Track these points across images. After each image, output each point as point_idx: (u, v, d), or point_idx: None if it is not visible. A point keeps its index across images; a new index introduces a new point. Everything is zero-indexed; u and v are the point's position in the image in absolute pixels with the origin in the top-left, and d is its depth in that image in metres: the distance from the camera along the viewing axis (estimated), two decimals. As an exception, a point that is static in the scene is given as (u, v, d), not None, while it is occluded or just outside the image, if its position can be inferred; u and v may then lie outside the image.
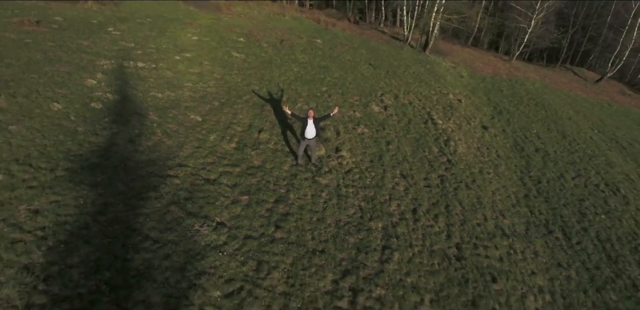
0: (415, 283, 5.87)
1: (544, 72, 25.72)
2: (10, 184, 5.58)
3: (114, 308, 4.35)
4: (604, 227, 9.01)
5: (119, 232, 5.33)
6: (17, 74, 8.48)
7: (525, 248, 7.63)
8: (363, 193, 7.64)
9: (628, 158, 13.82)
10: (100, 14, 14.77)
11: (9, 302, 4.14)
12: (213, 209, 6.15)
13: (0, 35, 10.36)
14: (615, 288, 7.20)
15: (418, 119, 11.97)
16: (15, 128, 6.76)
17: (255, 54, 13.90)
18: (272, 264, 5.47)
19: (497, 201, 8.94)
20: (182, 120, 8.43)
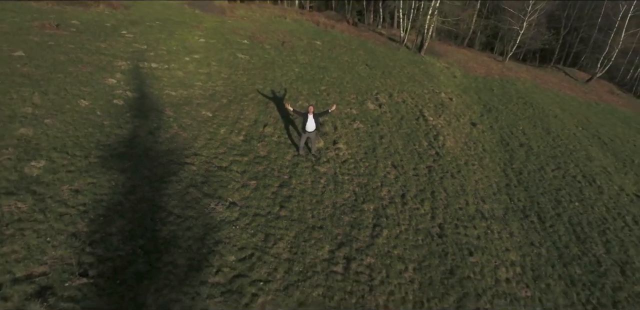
0: (400, 254, 6.80)
1: (536, 73, 26.65)
2: (53, 168, 6.50)
3: (148, 267, 5.27)
4: (576, 213, 9.94)
5: (147, 208, 6.25)
6: (46, 73, 9.39)
7: (502, 229, 8.56)
8: (357, 180, 8.56)
9: (608, 153, 14.74)
10: (113, 18, 15.68)
11: (63, 260, 5.06)
12: (226, 191, 7.07)
13: (25, 38, 11.28)
14: (580, 264, 8.12)
15: (410, 116, 12.90)
16: (50, 121, 7.68)
17: (258, 55, 14.82)
18: (278, 236, 6.39)
19: (480, 189, 9.87)
20: (195, 116, 9.35)
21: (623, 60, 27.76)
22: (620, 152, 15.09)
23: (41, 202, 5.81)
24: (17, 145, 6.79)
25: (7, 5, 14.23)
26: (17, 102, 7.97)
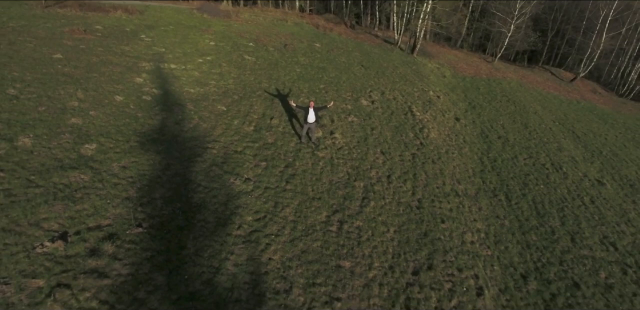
0: (384, 220, 8.35)
1: (523, 72, 28.23)
2: (103, 150, 8.06)
3: (186, 222, 6.82)
4: (540, 193, 11.50)
5: (180, 181, 7.81)
6: (84, 73, 10.95)
7: (472, 205, 10.12)
8: (350, 163, 10.11)
9: (579, 145, 16.31)
10: (130, 23, 17.24)
11: (122, 216, 6.61)
12: (242, 170, 8.63)
13: (60, 42, 12.83)
14: (537, 232, 9.68)
15: (399, 111, 14.46)
16: (94, 113, 9.23)
17: (263, 57, 16.38)
18: (285, 204, 7.95)
19: (457, 173, 11.43)
20: (212, 110, 10.91)
21: (607, 61, 29.32)
22: (591, 144, 16.68)
23: (98, 174, 7.37)
24: (71, 131, 8.35)
25: (38, 13, 15.80)
26: (65, 97, 9.52)
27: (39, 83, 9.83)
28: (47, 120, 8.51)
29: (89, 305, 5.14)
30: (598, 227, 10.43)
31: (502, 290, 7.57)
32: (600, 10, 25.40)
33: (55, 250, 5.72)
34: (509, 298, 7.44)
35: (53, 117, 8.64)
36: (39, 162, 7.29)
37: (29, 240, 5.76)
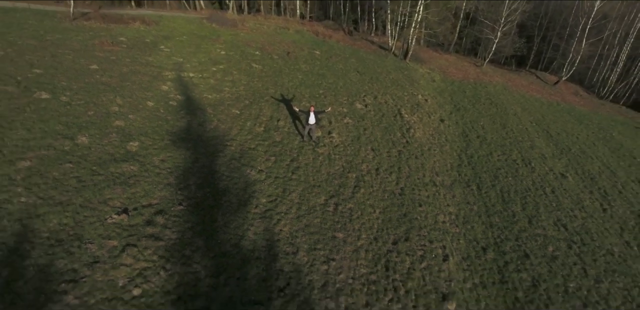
0: (371, 203, 10.28)
1: (509, 76, 30.16)
2: (144, 147, 9.98)
3: (215, 202, 8.74)
4: (508, 184, 13.44)
5: (208, 171, 9.73)
6: (118, 82, 12.87)
7: (447, 193, 12.06)
8: (345, 158, 12.04)
9: (551, 143, 18.25)
10: (149, 34, 19.16)
11: (166, 197, 8.53)
12: (255, 163, 10.55)
13: (93, 54, 14.75)
14: (500, 216, 11.61)
15: (389, 114, 16.39)
16: (132, 117, 11.15)
17: (269, 65, 18.31)
18: (291, 190, 9.87)
19: (436, 167, 13.36)
20: (228, 113, 12.83)
21: (589, 65, 31.26)
22: (562, 142, 18.61)
23: (143, 166, 9.30)
24: (117, 131, 10.28)
25: (68, 26, 17.72)
26: (107, 103, 11.45)
27: (84, 91, 11.76)
28: (96, 122, 10.43)
29: (151, 258, 7.08)
30: (554, 212, 12.38)
31: (464, 258, 9.50)
32: (580, 19, 27.34)
33: (121, 221, 7.66)
34: (469, 264, 9.37)
35: (100, 120, 10.56)
36: (97, 156, 9.22)
37: (101, 214, 7.69)
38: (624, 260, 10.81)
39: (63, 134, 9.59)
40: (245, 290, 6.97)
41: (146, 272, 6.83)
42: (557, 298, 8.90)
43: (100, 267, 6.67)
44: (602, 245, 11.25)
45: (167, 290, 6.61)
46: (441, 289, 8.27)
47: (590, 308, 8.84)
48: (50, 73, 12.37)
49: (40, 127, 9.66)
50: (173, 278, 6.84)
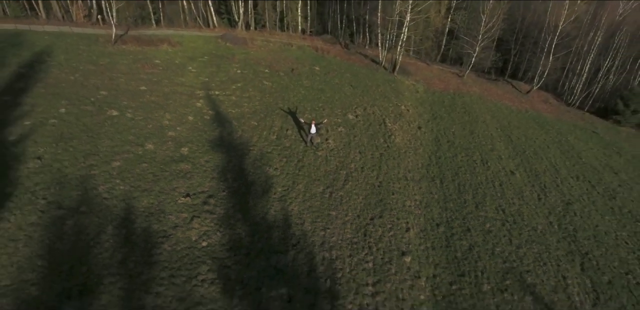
0: (357, 192, 14.13)
1: (487, 86, 34.00)
2: (192, 151, 13.81)
3: (246, 191, 12.59)
4: (465, 179, 17.27)
5: (238, 169, 13.57)
6: (164, 101, 16.70)
7: (415, 185, 15.90)
8: (338, 159, 15.89)
9: (510, 146, 22.09)
10: (176, 55, 22.99)
11: (213, 187, 12.38)
12: (272, 163, 14.40)
13: (139, 76, 18.59)
14: (454, 202, 15.43)
15: (375, 123, 20.23)
16: (180, 129, 14.99)
17: (277, 82, 22.15)
18: (299, 182, 13.72)
19: (409, 166, 17.21)
20: (248, 125, 16.68)
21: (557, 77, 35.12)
22: (520, 145, 22.46)
23: (194, 165, 13.14)
24: (171, 140, 14.12)
25: (111, 50, 21.56)
26: (159, 118, 15.29)
27: (141, 108, 15.60)
28: (156, 133, 14.28)
29: (209, 225, 10.92)
30: (497, 200, 16.23)
31: (422, 230, 13.35)
32: (547, 36, 31.20)
33: (186, 201, 11.50)
34: (425, 234, 13.21)
35: (158, 131, 14.40)
36: (161, 158, 13.06)
37: (173, 197, 11.53)
38: (543, 234, 14.67)
39: (135, 142, 13.44)
40: (271, 245, 10.81)
41: (208, 232, 10.67)
42: (484, 257, 12.75)
43: (179, 229, 10.51)
44: (529, 224, 15.11)
45: (222, 243, 10.45)
46: (402, 249, 12.12)
47: (507, 264, 12.69)
48: (112, 94, 16.22)
49: (118, 137, 13.52)
50: (225, 237, 10.68)
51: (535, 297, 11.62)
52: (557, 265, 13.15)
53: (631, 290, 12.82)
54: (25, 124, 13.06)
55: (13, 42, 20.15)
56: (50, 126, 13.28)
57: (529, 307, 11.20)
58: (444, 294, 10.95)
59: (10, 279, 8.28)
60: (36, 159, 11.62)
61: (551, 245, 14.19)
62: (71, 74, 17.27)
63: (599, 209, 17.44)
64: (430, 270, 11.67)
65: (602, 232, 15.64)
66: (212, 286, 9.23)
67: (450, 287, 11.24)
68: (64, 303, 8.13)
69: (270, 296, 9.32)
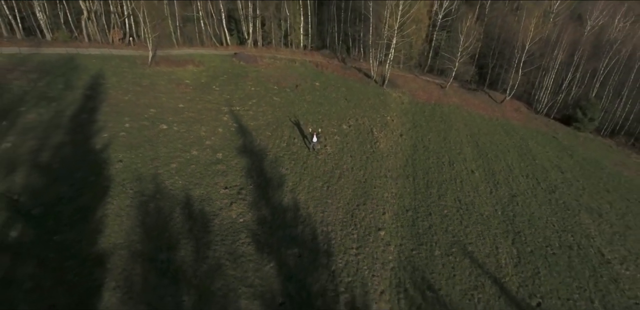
0: (347, 186, 18.94)
1: (466, 97, 38.79)
2: (225, 156, 18.63)
3: (266, 184, 17.41)
4: (433, 177, 22.08)
5: (260, 169, 18.37)
6: (198, 116, 21.48)
7: (392, 181, 20.71)
8: (334, 162, 20.71)
9: (475, 150, 26.91)
10: (201, 75, 27.78)
11: (243, 182, 17.21)
12: (284, 164, 19.22)
13: (176, 95, 23.36)
14: (422, 194, 20.25)
15: (364, 132, 25.04)
16: (213, 139, 19.80)
17: (284, 97, 26.95)
18: (304, 179, 18.54)
19: (389, 167, 22.01)
20: (264, 135, 21.47)
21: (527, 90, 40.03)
22: (484, 149, 27.29)
23: (228, 166, 17.96)
24: (209, 147, 18.93)
25: (149, 71, 26.32)
26: (197, 130, 20.08)
27: (183, 123, 20.40)
28: (196, 142, 19.08)
29: (244, 208, 15.72)
30: (456, 193, 21.04)
31: (394, 214, 18.16)
32: (516, 54, 36.05)
33: (226, 192, 16.32)
34: (396, 216, 18.02)
35: (198, 141, 19.20)
36: (203, 161, 17.87)
37: (216, 189, 16.34)
38: (487, 218, 19.49)
39: (183, 149, 18.26)
40: (285, 221, 15.61)
41: (243, 213, 15.48)
42: (439, 233, 17.56)
43: (223, 210, 15.32)
44: (478, 211, 19.94)
45: (253, 220, 15.26)
46: (378, 226, 16.92)
47: (456, 238, 17.50)
48: (159, 111, 21.02)
49: (170, 145, 18.34)
50: (255, 215, 15.49)
51: (472, 259, 16.47)
52: (494, 240, 18.00)
53: (546, 257, 17.66)
54: (104, 136, 17.85)
55: (71, 66, 24.89)
56: (122, 137, 18.07)
57: (467, 265, 16.03)
58: (406, 256, 15.78)
59: (122, 239, 13.06)
60: (119, 161, 16.42)
61: (492, 226, 19.04)
62: (125, 94, 22.03)
63: (539, 200, 22.31)
64: (398, 240, 16.50)
65: (536, 217, 20.51)
66: (248, 246, 14.04)
67: (411, 252, 16.07)
68: (157, 254, 12.92)
69: (287, 253, 14.14)
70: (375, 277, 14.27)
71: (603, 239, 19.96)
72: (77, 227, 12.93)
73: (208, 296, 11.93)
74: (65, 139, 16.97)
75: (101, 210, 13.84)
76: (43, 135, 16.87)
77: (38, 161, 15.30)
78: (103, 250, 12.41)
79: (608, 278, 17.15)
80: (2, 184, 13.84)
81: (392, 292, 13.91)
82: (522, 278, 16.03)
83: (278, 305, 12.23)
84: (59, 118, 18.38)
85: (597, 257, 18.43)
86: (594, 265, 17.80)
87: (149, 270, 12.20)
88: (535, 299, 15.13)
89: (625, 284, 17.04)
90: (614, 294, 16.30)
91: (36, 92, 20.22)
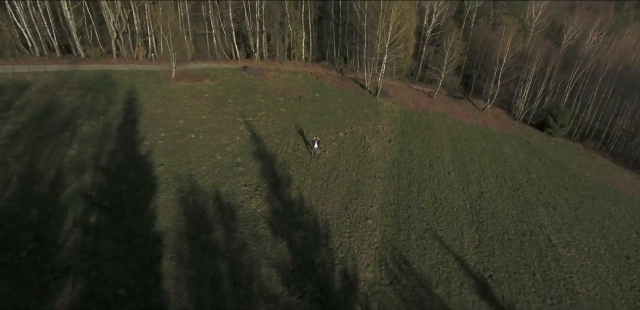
0: (342, 185, 23.24)
1: (451, 105, 43.10)
2: (245, 159, 22.93)
3: (277, 183, 21.71)
4: (415, 177, 26.36)
5: (272, 170, 22.68)
6: (218, 126, 25.78)
7: (380, 180, 24.99)
8: (331, 164, 25.02)
9: (454, 154, 31.21)
10: (216, 88, 32.07)
11: (260, 179, 21.51)
12: (291, 167, 23.51)
13: (199, 108, 27.64)
14: (404, 191, 24.53)
15: (358, 138, 29.35)
16: (232, 146, 24.09)
17: (290, 109, 31.25)
18: (307, 179, 22.84)
19: (379, 168, 26.31)
20: (274, 142, 25.77)
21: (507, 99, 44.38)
22: (462, 153, 31.60)
23: (246, 168, 22.27)
24: (230, 153, 23.24)
25: (173, 86, 30.64)
26: (219, 139, 24.38)
27: (207, 132, 24.69)
28: (219, 149, 23.37)
29: (261, 201, 20.03)
30: (433, 190, 25.34)
31: (380, 207, 22.46)
32: (494, 66, 40.38)
33: (246, 188, 20.62)
34: (382, 208, 22.31)
35: (220, 147, 23.50)
36: (227, 164, 22.17)
37: (239, 186, 20.65)
38: (457, 211, 23.79)
39: (209, 155, 22.57)
40: (293, 212, 19.90)
41: (260, 205, 19.76)
42: (416, 222, 21.85)
43: (245, 203, 19.61)
44: (451, 205, 24.24)
45: (268, 210, 19.54)
46: (367, 216, 21.21)
47: (429, 226, 21.79)
48: (187, 122, 25.32)
49: (199, 151, 22.64)
50: (269, 207, 19.77)
51: (441, 242, 20.78)
52: (460, 228, 22.32)
53: (502, 241, 21.98)
54: (146, 144, 22.12)
55: (107, 82, 29.15)
56: (160, 145, 22.35)
57: (436, 247, 20.33)
58: (388, 239, 20.07)
59: (171, 223, 17.30)
60: (160, 165, 20.69)
61: (460, 217, 23.36)
62: (156, 108, 26.31)
63: (503, 196, 26.66)
64: (382, 227, 20.80)
65: (499, 210, 24.85)
66: (266, 230, 18.32)
67: (392, 236, 20.37)
68: (198, 235, 17.18)
69: (295, 236, 18.43)
70: (363, 254, 18.57)
71: (553, 228, 24.31)
72: (137, 215, 17.23)
73: (238, 265, 16.21)
74: (116, 146, 21.26)
75: (153, 202, 18.14)
76: (99, 143, 21.16)
77: (99, 165, 19.60)
78: (159, 232, 16.70)
79: (551, 258, 21.49)
80: (76, 183, 18.12)
81: (375, 265, 18.20)
82: (480, 257, 20.36)
83: (289, 272, 16.52)
84: (108, 129, 22.67)
85: (545, 242, 22.77)
86: (541, 248, 22.14)
87: (193, 246, 16.49)
88: (488, 272, 19.45)
89: (564, 262, 21.39)
90: (553, 269, 20.64)
91: (85, 106, 24.50)
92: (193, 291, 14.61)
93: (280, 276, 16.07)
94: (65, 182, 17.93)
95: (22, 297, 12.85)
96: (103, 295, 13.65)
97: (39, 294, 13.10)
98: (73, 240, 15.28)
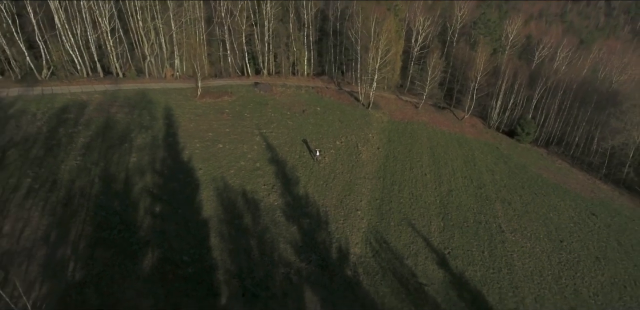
0: (338, 184, 29.75)
1: (434, 115, 49.62)
2: (263, 164, 29.44)
3: (287, 182, 28.22)
4: (397, 178, 32.85)
5: (283, 173, 29.17)
6: (240, 137, 32.26)
7: (368, 181, 31.54)
8: (330, 168, 31.51)
9: (431, 159, 37.72)
10: (234, 104, 38.53)
11: (276, 180, 28.01)
12: (298, 170, 30.00)
13: (222, 122, 34.09)
14: (387, 189, 31.01)
15: (351, 146, 35.85)
16: (252, 153, 30.59)
17: (295, 121, 37.72)
18: (312, 180, 29.34)
19: (367, 171, 32.79)
20: (284, 151, 32.23)
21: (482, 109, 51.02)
22: (437, 157, 38.09)
23: (264, 171, 28.77)
24: (250, 159, 29.74)
25: (199, 103, 37.08)
26: (240, 148, 30.88)
27: (231, 142, 31.17)
28: (242, 156, 29.85)
29: (276, 196, 26.53)
30: (411, 188, 31.82)
31: (368, 201, 28.92)
32: (471, 82, 46.98)
33: (265, 187, 27.11)
34: (369, 203, 28.80)
35: (242, 155, 29.98)
36: (248, 168, 28.65)
37: (259, 185, 27.14)
38: (429, 205, 30.30)
39: (235, 161, 29.07)
40: (301, 204, 26.36)
41: (277, 199, 26.25)
42: (395, 213, 28.35)
43: (265, 197, 26.09)
44: (424, 200, 30.73)
45: (283, 203, 26.00)
46: (357, 208, 27.68)
47: (405, 216, 28.29)
48: (215, 134, 31.80)
49: (227, 158, 29.14)
50: (284, 201, 26.24)
51: (413, 228, 27.31)
52: (429, 217, 28.86)
53: (461, 228, 28.52)
54: (186, 152, 28.57)
55: (146, 99, 35.54)
56: (197, 153, 28.79)
57: (409, 231, 26.85)
58: (373, 226, 26.58)
59: (212, 213, 23.74)
60: (199, 169, 27.14)
61: (430, 209, 29.90)
62: (189, 122, 32.74)
63: (469, 193, 33.21)
64: (369, 217, 27.30)
65: (463, 204, 31.39)
66: (281, 217, 24.78)
67: (376, 223, 26.87)
68: (233, 220, 23.62)
69: (303, 222, 24.92)
70: (353, 236, 25.08)
71: (505, 218, 30.89)
72: (189, 206, 23.70)
73: (263, 241, 22.68)
74: (164, 155, 27.72)
75: (198, 197, 24.61)
76: (151, 152, 27.61)
77: (155, 169, 26.05)
78: (205, 218, 23.16)
79: (499, 240, 28.07)
80: (141, 182, 24.57)
81: (362, 243, 24.71)
82: (442, 239, 26.90)
83: (299, 247, 23.00)
84: (156, 141, 29.13)
85: (497, 229, 29.35)
86: (492, 233, 28.71)
87: (230, 228, 22.95)
88: (448, 249, 25.99)
89: (509, 244, 27.96)
90: (499, 249, 27.21)
91: (135, 122, 30.95)
92: (233, 258, 21.07)
93: (293, 249, 22.56)
94: (133, 181, 24.38)
95: (120, 259, 19.27)
96: (173, 259, 20.07)
97: (131, 258, 19.54)
98: (147, 223, 21.70)
